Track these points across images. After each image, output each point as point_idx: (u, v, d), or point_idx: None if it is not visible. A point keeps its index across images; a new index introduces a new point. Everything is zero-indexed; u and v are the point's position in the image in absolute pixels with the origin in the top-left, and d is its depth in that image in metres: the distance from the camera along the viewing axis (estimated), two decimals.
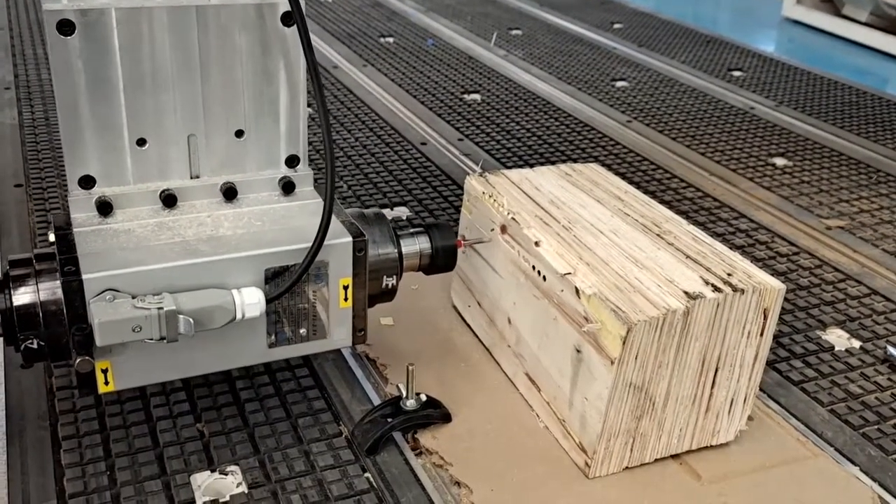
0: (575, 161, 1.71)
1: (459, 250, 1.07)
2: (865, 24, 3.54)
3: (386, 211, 1.47)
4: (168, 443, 0.93)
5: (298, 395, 1.02)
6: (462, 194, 1.15)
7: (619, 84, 2.27)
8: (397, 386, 0.99)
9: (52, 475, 0.89)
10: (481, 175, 1.14)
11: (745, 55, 2.57)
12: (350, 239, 0.90)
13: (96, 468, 0.90)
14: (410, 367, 0.96)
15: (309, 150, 0.99)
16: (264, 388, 1.02)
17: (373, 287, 0.96)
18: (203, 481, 0.89)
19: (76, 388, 1.00)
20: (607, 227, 1.02)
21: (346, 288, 0.91)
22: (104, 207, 0.89)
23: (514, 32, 2.71)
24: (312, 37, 0.88)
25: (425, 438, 0.96)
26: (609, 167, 1.69)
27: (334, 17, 2.76)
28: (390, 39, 2.55)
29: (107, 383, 0.85)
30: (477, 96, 2.11)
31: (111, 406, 0.98)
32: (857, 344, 1.18)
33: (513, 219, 1.03)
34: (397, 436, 0.96)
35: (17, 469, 0.90)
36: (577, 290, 0.90)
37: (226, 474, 0.90)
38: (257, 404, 1.00)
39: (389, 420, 0.95)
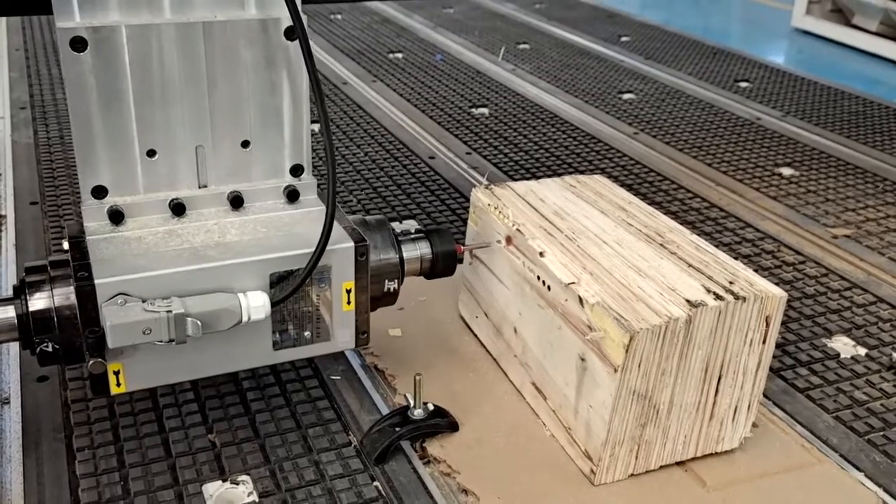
0: (582, 173, 1.72)
1: (466, 261, 1.09)
2: (876, 33, 3.54)
3: (395, 224, 1.49)
4: (180, 453, 0.95)
5: (308, 406, 1.03)
6: (469, 207, 1.17)
7: (626, 96, 2.28)
8: (405, 396, 1.00)
9: (68, 486, 0.91)
10: (487, 187, 1.16)
11: (752, 66, 2.58)
12: (352, 244, 0.92)
13: (110, 478, 0.91)
14: (418, 377, 0.98)
15: (312, 159, 1.02)
16: (275, 399, 1.04)
17: (375, 290, 0.98)
18: (215, 490, 0.91)
19: (91, 396, 1.02)
20: (611, 237, 1.03)
21: (348, 291, 0.94)
22: (116, 216, 0.92)
23: (521, 47, 2.73)
24: (320, 53, 0.91)
25: (433, 447, 0.97)
26: (616, 179, 1.71)
27: (343, 34, 2.79)
28: (399, 55, 2.58)
29: (119, 385, 0.87)
30: (485, 110, 2.13)
31: (125, 418, 1.00)
32: (862, 351, 1.19)
33: (518, 230, 1.04)
34: (405, 445, 0.98)
35: (34, 480, 0.92)
36: (580, 300, 0.91)
37: (237, 483, 0.91)
38: (268, 415, 1.01)
39: (398, 429, 0.97)
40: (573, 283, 0.93)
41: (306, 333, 0.94)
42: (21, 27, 2.64)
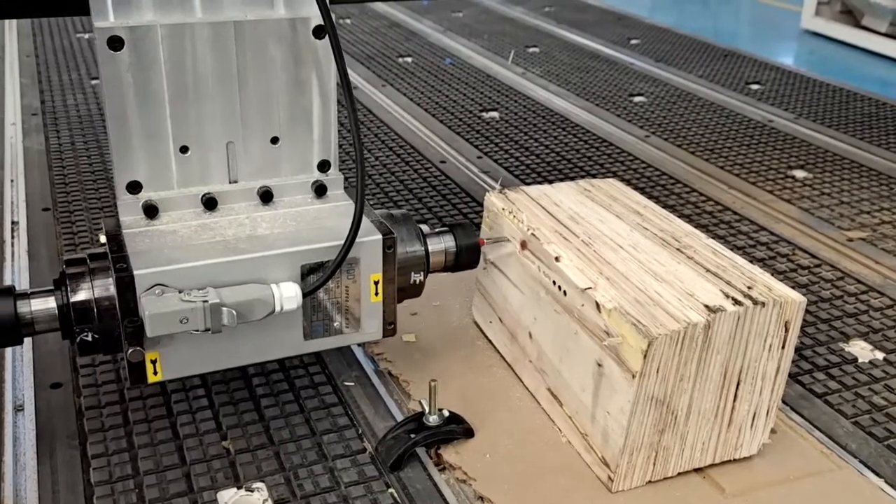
0: (594, 176, 1.72)
1: (480, 266, 1.08)
2: (885, 34, 3.53)
3: None
4: (195, 460, 0.95)
5: (323, 413, 1.03)
6: (482, 211, 1.16)
7: (637, 99, 2.27)
8: (420, 402, 1.00)
9: (83, 493, 0.91)
10: (500, 192, 1.15)
11: (763, 68, 2.57)
12: (380, 236, 0.94)
13: (125, 486, 0.91)
14: (433, 384, 0.97)
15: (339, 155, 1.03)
16: (289, 406, 1.03)
17: (401, 282, 1.00)
18: (230, 498, 0.90)
19: (104, 403, 1.02)
20: (627, 241, 1.03)
21: (376, 283, 0.96)
22: (150, 210, 0.94)
23: (531, 50, 2.72)
24: None
25: (448, 454, 0.97)
26: (628, 182, 1.70)
27: (353, 39, 2.79)
28: (409, 59, 2.58)
29: (156, 373, 0.89)
30: (495, 114, 2.13)
31: (139, 425, 0.99)
32: (880, 355, 1.18)
33: (533, 234, 1.04)
34: (420, 451, 0.97)
35: (48, 488, 0.91)
36: (597, 305, 0.90)
37: (252, 491, 0.91)
38: (282, 422, 1.01)
39: (413, 436, 0.96)
40: (590, 287, 0.93)
41: (336, 324, 0.96)
42: (32, 33, 2.64)
